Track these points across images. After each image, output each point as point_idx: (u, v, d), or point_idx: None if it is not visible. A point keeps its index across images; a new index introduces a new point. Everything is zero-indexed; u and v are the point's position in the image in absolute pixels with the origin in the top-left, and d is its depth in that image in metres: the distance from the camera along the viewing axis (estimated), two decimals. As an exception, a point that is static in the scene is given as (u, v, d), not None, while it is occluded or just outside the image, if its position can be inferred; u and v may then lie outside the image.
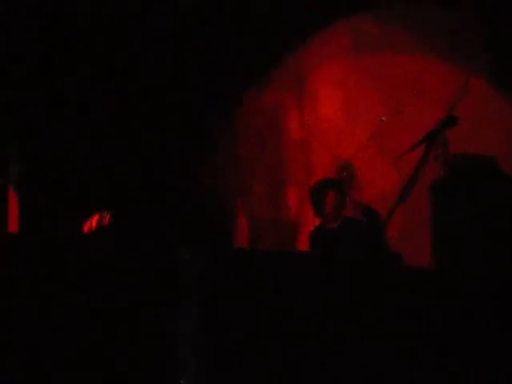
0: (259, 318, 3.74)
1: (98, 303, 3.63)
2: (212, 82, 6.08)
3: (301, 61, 6.20)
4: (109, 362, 3.62)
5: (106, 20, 5.73)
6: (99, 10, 5.70)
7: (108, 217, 4.86)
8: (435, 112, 5.29)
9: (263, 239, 6.17)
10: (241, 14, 5.94)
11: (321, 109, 6.12)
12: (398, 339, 3.89)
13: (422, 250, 4.74)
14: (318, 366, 3.77)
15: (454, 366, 3.92)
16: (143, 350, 3.66)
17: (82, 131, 5.65)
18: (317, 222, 5.46)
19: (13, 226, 5.58)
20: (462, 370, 3.91)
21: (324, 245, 5.30)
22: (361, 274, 3.94)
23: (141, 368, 3.65)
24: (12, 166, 5.61)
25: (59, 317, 3.60)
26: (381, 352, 3.83)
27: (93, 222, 4.87)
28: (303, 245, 5.84)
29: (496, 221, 4.43)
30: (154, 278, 3.68)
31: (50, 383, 3.61)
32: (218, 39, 5.99)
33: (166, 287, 3.68)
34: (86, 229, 4.86)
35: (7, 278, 3.59)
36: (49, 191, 5.49)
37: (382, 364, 3.83)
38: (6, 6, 5.43)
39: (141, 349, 3.66)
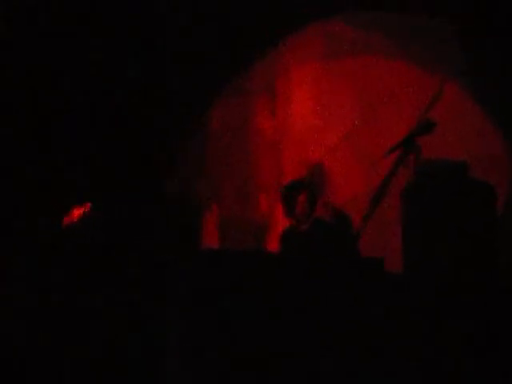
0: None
1: (85, 303, 3.60)
2: (187, 85, 6.05)
3: (273, 64, 6.18)
4: (98, 363, 3.59)
5: (105, 20, 5.72)
6: (99, 10, 5.68)
7: (89, 208, 4.81)
8: (408, 116, 5.31)
9: (232, 241, 6.14)
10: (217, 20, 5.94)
11: (293, 112, 6.11)
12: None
13: (393, 256, 4.73)
14: (312, 366, 3.75)
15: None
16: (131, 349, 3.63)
17: (82, 131, 5.65)
18: (286, 223, 5.45)
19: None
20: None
21: (294, 246, 5.29)
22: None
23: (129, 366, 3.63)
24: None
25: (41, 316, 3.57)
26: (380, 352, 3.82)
27: (74, 215, 4.81)
28: (272, 246, 5.82)
29: (467, 226, 4.43)
30: (138, 280, 3.65)
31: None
32: (198, 44, 5.98)
33: (151, 289, 3.65)
34: (66, 222, 4.81)
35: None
36: (48, 190, 5.42)
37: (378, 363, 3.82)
38: (6, 6, 5.43)
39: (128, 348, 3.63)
